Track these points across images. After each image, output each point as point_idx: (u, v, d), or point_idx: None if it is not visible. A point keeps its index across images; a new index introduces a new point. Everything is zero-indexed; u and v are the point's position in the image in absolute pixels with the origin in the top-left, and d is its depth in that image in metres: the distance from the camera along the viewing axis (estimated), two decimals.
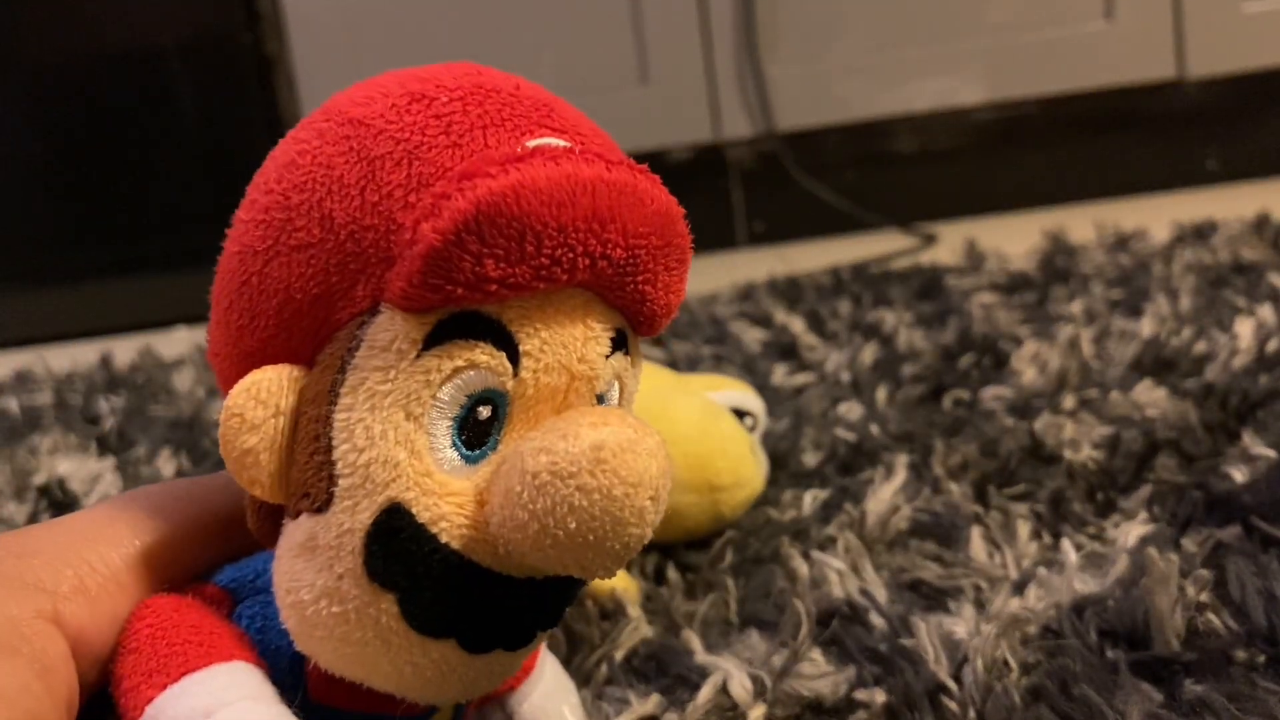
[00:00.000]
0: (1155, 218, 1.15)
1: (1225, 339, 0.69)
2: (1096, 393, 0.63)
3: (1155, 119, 1.40)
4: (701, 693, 0.38)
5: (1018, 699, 0.35)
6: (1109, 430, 0.57)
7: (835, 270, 1.12)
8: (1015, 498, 0.52)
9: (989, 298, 0.91)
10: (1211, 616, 0.38)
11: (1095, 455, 0.54)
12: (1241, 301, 0.78)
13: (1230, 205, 1.16)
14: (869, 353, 0.78)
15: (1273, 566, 0.40)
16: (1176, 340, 0.70)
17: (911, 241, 1.30)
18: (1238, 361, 0.64)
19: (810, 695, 0.37)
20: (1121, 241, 1.07)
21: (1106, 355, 0.70)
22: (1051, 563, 0.45)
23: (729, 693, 0.38)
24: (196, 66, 1.40)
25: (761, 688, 0.38)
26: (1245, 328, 0.70)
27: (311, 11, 1.37)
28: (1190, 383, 0.62)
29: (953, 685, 0.36)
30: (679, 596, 0.47)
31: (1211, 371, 0.64)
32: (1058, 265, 1.00)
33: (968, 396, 0.66)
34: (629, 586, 0.47)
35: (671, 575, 0.49)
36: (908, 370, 0.73)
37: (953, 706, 0.36)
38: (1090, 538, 0.47)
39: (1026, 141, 1.42)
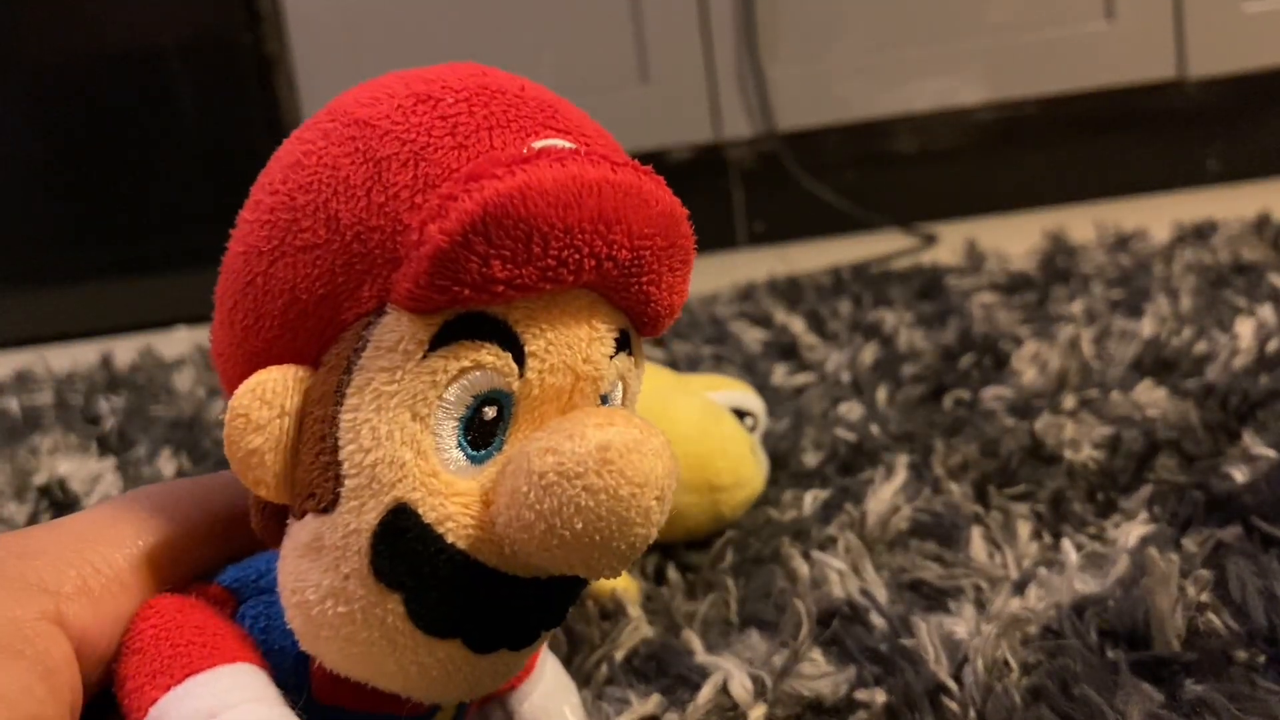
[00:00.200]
0: (1156, 218, 1.15)
1: (1226, 339, 0.69)
2: (1097, 393, 0.64)
3: (1156, 119, 1.40)
4: (702, 693, 0.38)
5: (1018, 699, 0.35)
6: (1109, 430, 0.57)
7: (835, 270, 1.12)
8: (1015, 498, 0.52)
9: (989, 298, 0.91)
10: (1212, 616, 0.38)
11: (1096, 455, 0.54)
12: (1242, 302, 0.78)
13: (1231, 205, 1.16)
14: (869, 353, 0.78)
15: (1273, 566, 0.40)
16: (1177, 340, 0.70)
17: (912, 241, 1.30)
18: (1238, 361, 0.64)
19: (811, 695, 0.37)
20: (1122, 241, 1.07)
21: (1107, 355, 0.70)
22: (1052, 563, 0.45)
23: (729, 693, 0.38)
24: (196, 66, 1.40)
25: (762, 688, 0.38)
26: (1245, 328, 0.70)
27: (311, 11, 1.37)
28: (1191, 383, 0.63)
29: (953, 685, 0.37)
30: (679, 596, 0.47)
31: (1212, 371, 0.64)
32: (1058, 265, 1.00)
33: (968, 396, 0.67)
34: (629, 586, 0.47)
35: (672, 575, 0.49)
36: (908, 370, 0.73)
37: (953, 706, 0.36)
38: (1091, 538, 0.47)
39: (1027, 141, 1.42)
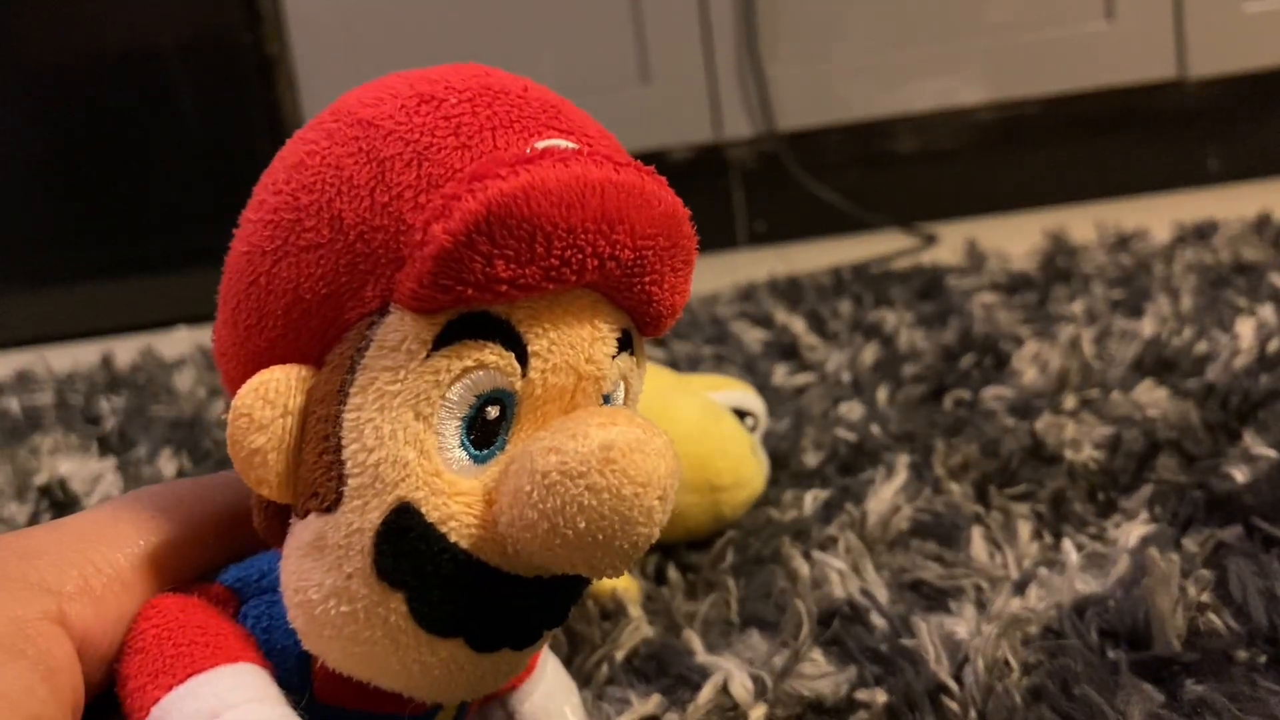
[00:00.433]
0: (1156, 218, 1.15)
1: (1226, 339, 0.69)
2: (1097, 393, 0.64)
3: (1156, 119, 1.40)
4: (702, 693, 0.38)
5: (1019, 699, 0.35)
6: (1110, 430, 0.57)
7: (836, 270, 1.12)
8: (1016, 498, 0.52)
9: (990, 298, 0.91)
10: (1212, 616, 0.38)
11: (1096, 455, 0.54)
12: (1242, 301, 0.78)
13: (1231, 205, 1.16)
14: (870, 353, 0.78)
15: (1274, 566, 0.40)
16: (1177, 340, 0.70)
17: (912, 241, 1.30)
18: (1239, 361, 0.64)
19: (811, 695, 0.37)
20: (1122, 241, 1.07)
21: (1107, 355, 0.70)
22: (1052, 563, 0.45)
23: (730, 693, 0.38)
24: (196, 66, 1.40)
25: (762, 688, 0.38)
26: (1246, 328, 0.70)
27: (312, 11, 1.37)
28: (1191, 383, 0.63)
29: (954, 685, 0.37)
30: (680, 596, 0.47)
31: (1212, 371, 0.64)
32: (1059, 265, 1.00)
33: (968, 396, 0.67)
34: (630, 586, 0.47)
35: (672, 575, 0.49)
36: (908, 370, 0.73)
37: (954, 707, 0.36)
38: (1091, 538, 0.47)
39: (1027, 141, 1.42)
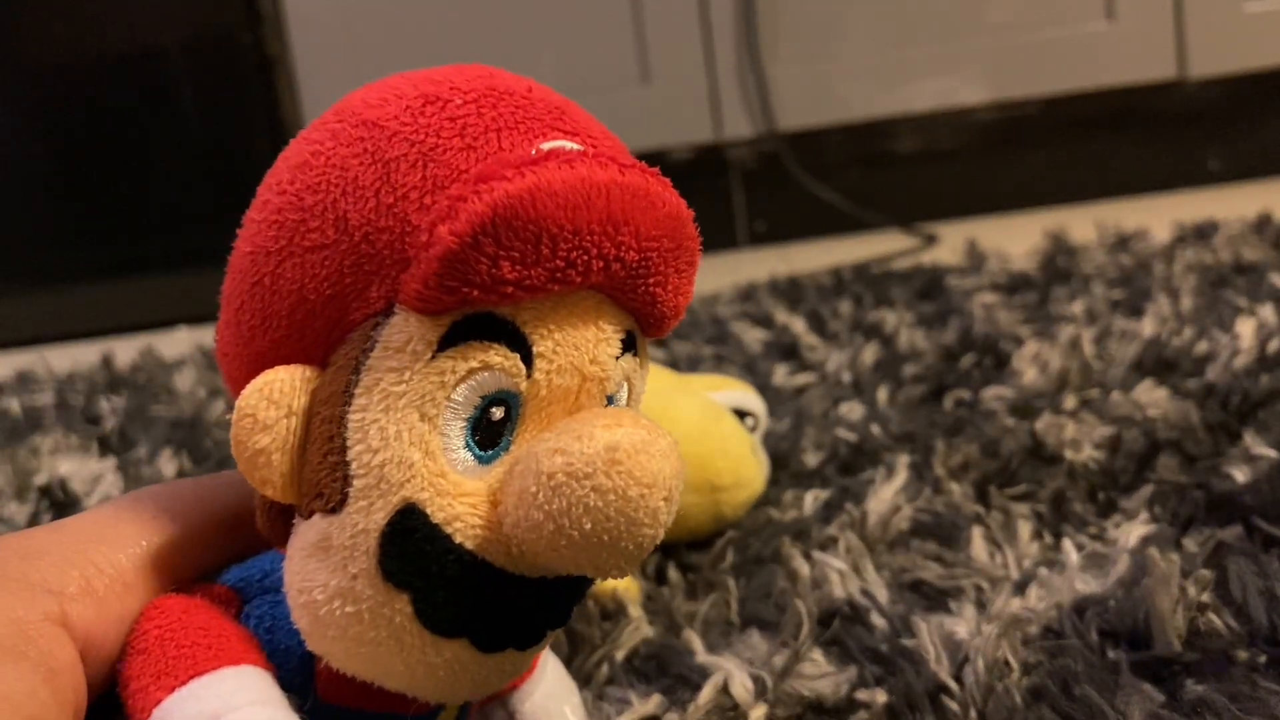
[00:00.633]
0: (1156, 218, 1.15)
1: (1226, 339, 0.69)
2: (1097, 393, 0.64)
3: (1156, 119, 1.40)
4: (702, 693, 0.38)
5: (1019, 699, 0.35)
6: (1110, 430, 0.57)
7: (836, 270, 1.12)
8: (1016, 498, 0.52)
9: (990, 298, 0.91)
10: (1213, 617, 0.38)
11: (1096, 455, 0.54)
12: (1243, 301, 0.78)
13: (1231, 205, 1.16)
14: (870, 353, 0.78)
15: (1274, 567, 0.40)
16: (1178, 340, 0.70)
17: (912, 241, 1.31)
18: (1239, 361, 0.64)
19: (811, 695, 0.38)
20: (1122, 241, 1.07)
21: (1108, 355, 0.70)
22: (1052, 563, 0.45)
23: (730, 693, 0.38)
24: (197, 66, 1.40)
25: (763, 688, 0.38)
26: (1246, 328, 0.70)
27: (312, 11, 1.37)
28: (1191, 383, 0.63)
29: (954, 685, 0.37)
30: (680, 597, 0.47)
31: (1213, 371, 0.64)
32: (1059, 265, 1.00)
33: (969, 397, 0.67)
34: (630, 586, 0.47)
35: (672, 575, 0.49)
36: (909, 370, 0.73)
37: (954, 707, 0.36)
38: (1091, 538, 0.47)
39: (1027, 141, 1.42)
